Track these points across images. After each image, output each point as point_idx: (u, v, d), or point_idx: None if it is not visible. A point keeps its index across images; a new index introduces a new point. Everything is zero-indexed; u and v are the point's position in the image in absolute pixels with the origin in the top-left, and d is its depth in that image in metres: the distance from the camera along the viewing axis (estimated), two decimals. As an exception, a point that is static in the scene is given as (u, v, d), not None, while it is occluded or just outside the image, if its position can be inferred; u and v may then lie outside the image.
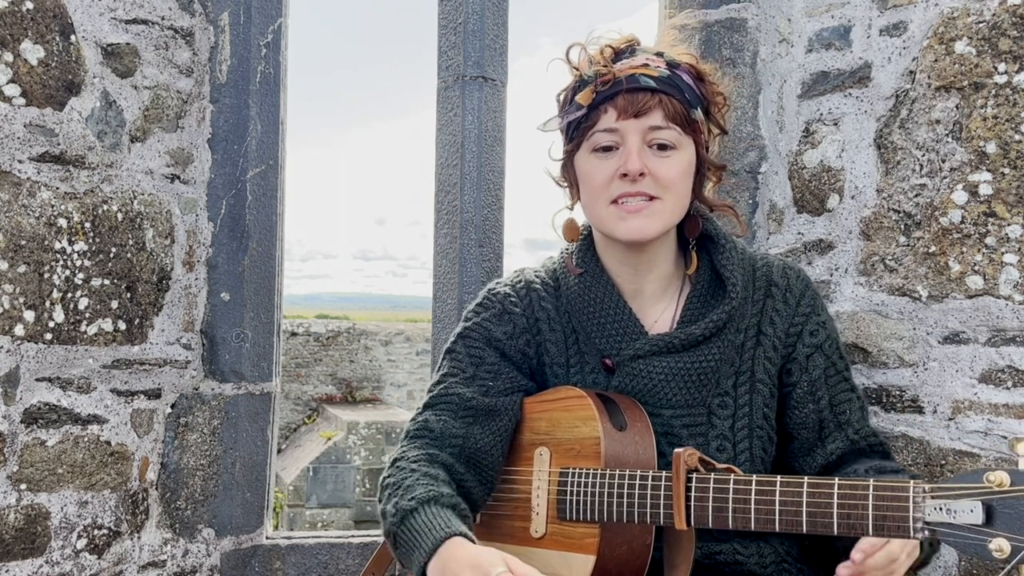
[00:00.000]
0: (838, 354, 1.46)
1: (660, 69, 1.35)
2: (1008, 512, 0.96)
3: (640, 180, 1.33)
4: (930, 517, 1.01)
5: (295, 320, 12.92)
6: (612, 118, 1.34)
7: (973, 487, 0.98)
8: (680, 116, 1.35)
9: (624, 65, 1.35)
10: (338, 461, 9.94)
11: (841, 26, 1.92)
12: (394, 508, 1.28)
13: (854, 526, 1.07)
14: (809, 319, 1.44)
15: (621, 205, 1.35)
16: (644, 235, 1.35)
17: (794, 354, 1.43)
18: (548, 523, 1.36)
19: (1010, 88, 1.63)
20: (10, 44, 1.77)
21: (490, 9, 2.20)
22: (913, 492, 1.02)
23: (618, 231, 1.36)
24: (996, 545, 0.95)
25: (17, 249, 1.78)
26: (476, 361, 1.47)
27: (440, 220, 2.22)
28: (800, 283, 1.46)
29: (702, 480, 1.19)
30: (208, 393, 2.08)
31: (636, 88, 1.33)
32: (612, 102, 1.34)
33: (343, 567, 2.13)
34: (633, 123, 1.33)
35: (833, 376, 1.45)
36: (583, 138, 1.38)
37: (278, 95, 2.16)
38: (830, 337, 1.45)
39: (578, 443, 1.35)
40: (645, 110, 1.33)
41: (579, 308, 1.45)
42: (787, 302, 1.44)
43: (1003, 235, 1.63)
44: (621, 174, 1.33)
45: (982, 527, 0.97)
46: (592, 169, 1.38)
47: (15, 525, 1.78)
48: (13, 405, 1.78)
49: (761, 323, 1.43)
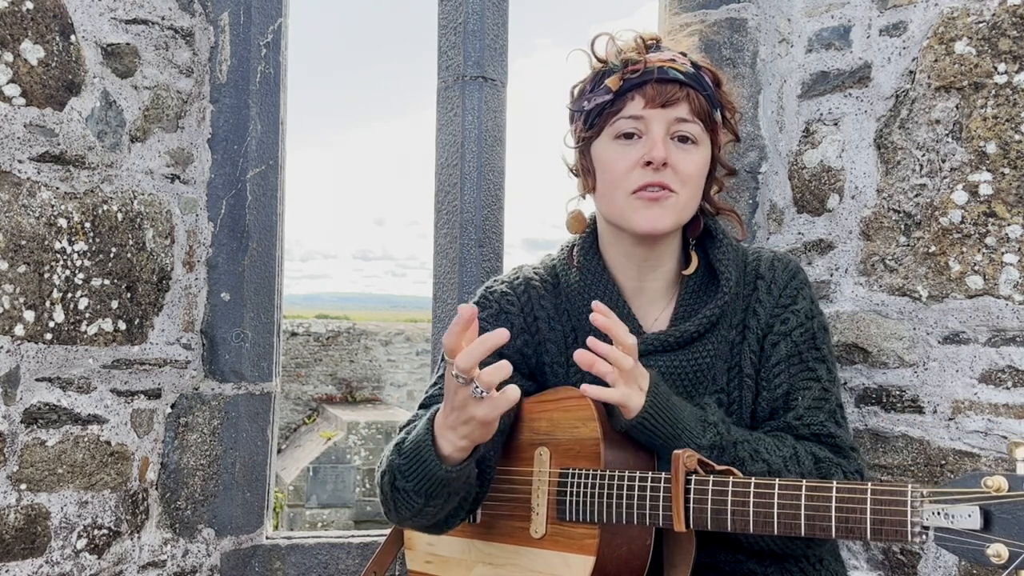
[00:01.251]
0: (810, 345, 1.42)
1: (686, 66, 1.37)
2: (1006, 517, 0.96)
3: (663, 170, 1.33)
4: (928, 521, 1.01)
5: (295, 320, 12.92)
6: (639, 106, 1.34)
7: (971, 492, 0.98)
8: (704, 112, 1.36)
9: (653, 57, 1.37)
10: (338, 461, 9.94)
11: (841, 26, 1.92)
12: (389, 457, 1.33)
13: (852, 529, 1.07)
14: (786, 309, 1.42)
15: (640, 195, 1.34)
16: (659, 227, 1.35)
17: (764, 343, 1.42)
18: (548, 523, 1.36)
19: (1010, 88, 1.63)
20: (10, 44, 1.77)
21: (490, 9, 2.20)
22: (911, 496, 1.02)
23: (634, 222, 1.35)
24: (994, 551, 0.95)
25: (17, 249, 1.78)
26: None
27: (440, 220, 2.22)
28: (785, 275, 1.44)
29: (701, 482, 1.19)
30: (208, 393, 2.08)
31: (665, 79, 1.34)
32: (640, 90, 1.34)
33: (343, 567, 2.13)
34: (660, 112, 1.34)
35: (796, 364, 1.40)
36: (605, 124, 1.38)
37: (278, 95, 2.16)
38: (803, 326, 1.41)
39: (578, 444, 1.35)
40: (673, 101, 1.34)
41: (579, 306, 1.45)
42: (770, 293, 1.43)
43: (1003, 235, 1.63)
44: (645, 162, 1.33)
45: (980, 532, 0.97)
46: (613, 156, 1.37)
47: (15, 525, 1.78)
48: (13, 405, 1.78)
49: (747, 317, 1.43)
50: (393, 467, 1.31)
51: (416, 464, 1.26)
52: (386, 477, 1.33)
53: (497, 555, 1.43)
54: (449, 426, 1.21)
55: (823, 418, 1.39)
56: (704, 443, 1.27)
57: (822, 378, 1.41)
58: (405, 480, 1.28)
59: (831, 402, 1.41)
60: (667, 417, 1.26)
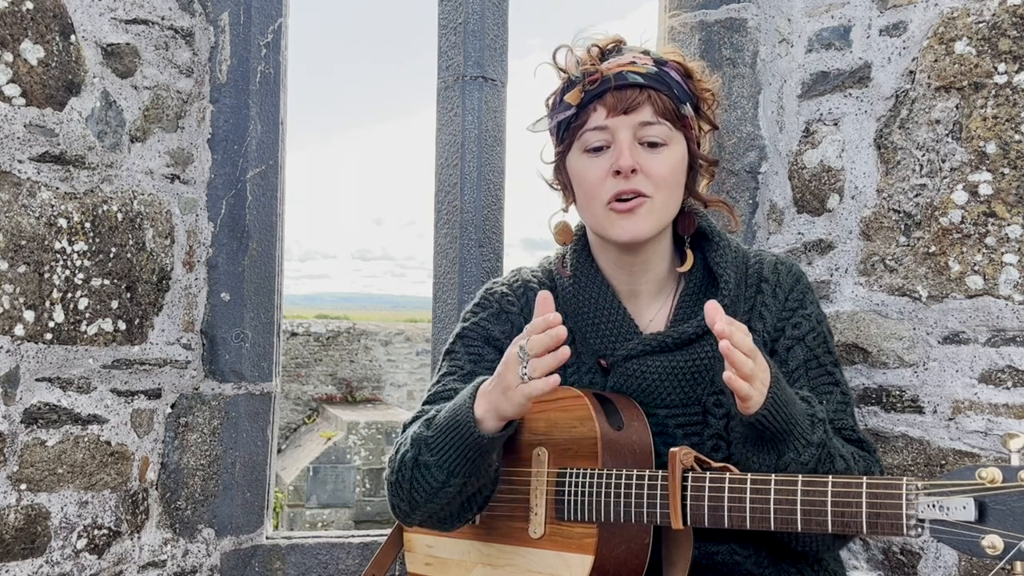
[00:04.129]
0: (824, 348, 1.44)
1: (647, 66, 1.35)
2: (1001, 508, 0.96)
3: (632, 177, 1.33)
4: (923, 514, 1.02)
5: (295, 320, 12.92)
6: (602, 116, 1.34)
7: (966, 484, 0.99)
8: (670, 111, 1.35)
9: (611, 63, 1.36)
10: (338, 461, 9.94)
11: (841, 26, 1.92)
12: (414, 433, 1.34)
13: (848, 524, 1.07)
14: (795, 313, 1.43)
15: (615, 206, 1.34)
16: (638, 236, 1.35)
17: (776, 347, 1.42)
18: (546, 523, 1.36)
19: (1010, 88, 1.63)
20: (10, 44, 1.77)
21: (490, 9, 2.20)
22: (906, 489, 1.03)
23: (613, 233, 1.36)
24: (989, 542, 0.96)
25: (17, 249, 1.78)
26: (475, 359, 1.48)
27: (440, 220, 2.22)
28: (790, 278, 1.45)
29: (698, 479, 1.19)
30: (208, 393, 2.08)
31: (624, 85, 1.33)
32: (601, 100, 1.34)
33: (343, 567, 2.13)
34: (623, 119, 1.33)
35: (815, 368, 1.42)
36: (574, 138, 1.38)
37: (278, 95, 2.16)
38: (815, 330, 1.43)
39: (576, 443, 1.35)
40: (634, 106, 1.33)
41: (575, 309, 1.45)
42: (776, 296, 1.43)
43: (1003, 235, 1.63)
44: (614, 171, 1.33)
45: (975, 524, 0.98)
46: (584, 169, 1.37)
47: (15, 525, 1.78)
48: (13, 405, 1.78)
49: (751, 319, 1.43)
50: (420, 440, 1.31)
51: (450, 433, 1.27)
52: (408, 454, 1.33)
53: (496, 556, 1.43)
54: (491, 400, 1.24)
55: (851, 422, 1.42)
56: (814, 440, 1.24)
57: (840, 381, 1.44)
58: (431, 453, 1.29)
59: (851, 405, 1.44)
60: (783, 414, 1.23)
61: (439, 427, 1.29)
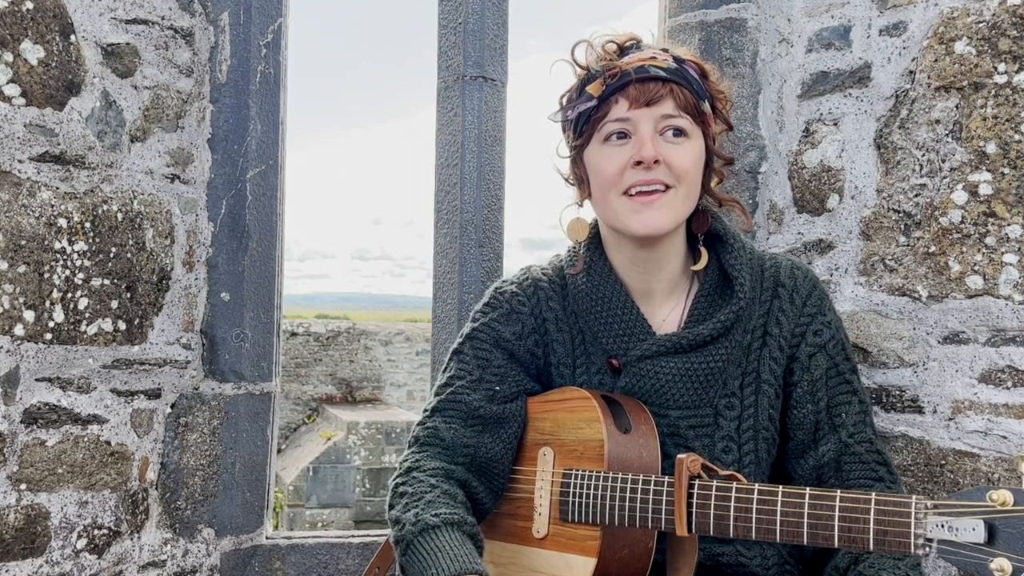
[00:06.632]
0: (843, 356, 1.44)
1: (668, 61, 1.36)
2: (1010, 532, 0.95)
3: (655, 168, 1.32)
4: (931, 533, 1.00)
5: (295, 320, 12.91)
6: (624, 108, 1.34)
7: (975, 505, 0.97)
8: (691, 106, 1.35)
9: (633, 57, 1.36)
10: (338, 461, 9.94)
11: (841, 26, 1.92)
12: (415, 518, 1.28)
13: (855, 540, 1.06)
14: (814, 319, 1.43)
15: (634, 197, 1.33)
16: (658, 228, 1.34)
17: (797, 354, 1.42)
18: (550, 524, 1.36)
19: (1010, 88, 1.63)
20: (10, 44, 1.77)
21: (490, 9, 2.20)
22: (915, 508, 1.01)
23: (631, 225, 1.34)
24: (997, 565, 0.94)
25: (17, 249, 1.78)
26: (483, 364, 1.46)
27: (440, 220, 2.22)
28: (807, 283, 1.45)
29: (704, 487, 1.18)
30: (208, 393, 2.08)
31: (646, 78, 1.33)
32: (623, 92, 1.34)
33: (343, 567, 2.13)
34: (645, 111, 1.33)
35: (834, 377, 1.42)
36: (593, 130, 1.37)
37: (278, 95, 2.16)
38: (835, 338, 1.43)
39: (582, 445, 1.35)
40: (657, 98, 1.33)
41: (586, 308, 1.44)
42: (793, 302, 1.43)
43: (1003, 235, 1.63)
44: (635, 162, 1.32)
45: (983, 546, 0.96)
46: (604, 159, 1.36)
47: (15, 525, 1.78)
48: (13, 405, 1.78)
49: (768, 323, 1.42)
50: (408, 535, 1.28)
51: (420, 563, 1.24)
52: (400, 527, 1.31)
53: (499, 554, 1.43)
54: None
55: (870, 434, 1.42)
56: None
57: (858, 390, 1.44)
58: (404, 555, 1.28)
59: (869, 413, 1.44)
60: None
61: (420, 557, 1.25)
